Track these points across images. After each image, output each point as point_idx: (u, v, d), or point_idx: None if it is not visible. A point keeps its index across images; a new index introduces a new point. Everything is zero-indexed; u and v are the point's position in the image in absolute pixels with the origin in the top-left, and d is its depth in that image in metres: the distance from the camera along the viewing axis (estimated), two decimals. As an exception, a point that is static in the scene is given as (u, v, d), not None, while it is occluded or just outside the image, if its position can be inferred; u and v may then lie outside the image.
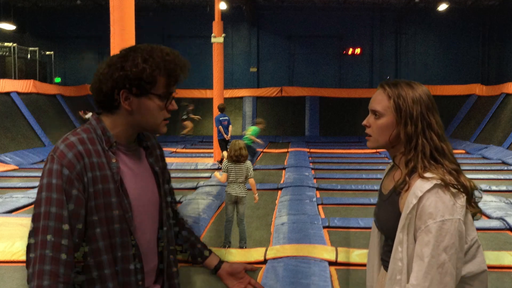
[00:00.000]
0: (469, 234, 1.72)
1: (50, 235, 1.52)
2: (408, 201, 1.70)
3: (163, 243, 1.80)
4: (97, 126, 1.68)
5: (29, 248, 1.55)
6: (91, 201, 1.59)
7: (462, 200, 1.68)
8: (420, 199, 1.67)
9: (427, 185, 1.68)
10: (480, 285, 1.76)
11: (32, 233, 1.55)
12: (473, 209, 1.72)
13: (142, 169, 1.76)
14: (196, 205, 8.02)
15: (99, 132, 1.67)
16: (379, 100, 1.82)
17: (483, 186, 9.83)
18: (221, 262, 1.99)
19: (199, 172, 12.33)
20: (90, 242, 1.60)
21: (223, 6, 16.51)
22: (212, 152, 14.40)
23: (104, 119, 1.70)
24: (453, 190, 1.67)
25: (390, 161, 1.96)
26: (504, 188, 9.93)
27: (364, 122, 1.86)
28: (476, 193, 1.75)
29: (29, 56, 18.94)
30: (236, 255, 5.70)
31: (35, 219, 1.56)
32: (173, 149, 17.15)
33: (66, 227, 1.54)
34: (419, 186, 1.69)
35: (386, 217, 1.82)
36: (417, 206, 1.67)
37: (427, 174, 1.70)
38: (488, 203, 8.17)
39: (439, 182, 1.67)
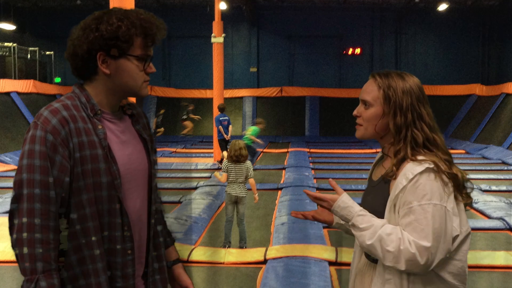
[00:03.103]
0: (465, 224, 1.74)
1: (38, 203, 1.51)
2: (398, 182, 1.71)
3: (152, 210, 1.77)
4: (80, 94, 1.66)
5: (12, 214, 1.54)
6: (78, 167, 1.57)
7: (450, 189, 1.69)
8: (410, 180, 1.68)
9: (419, 167, 1.69)
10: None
11: (16, 200, 1.54)
12: (464, 199, 1.74)
13: (129, 136, 1.74)
14: (196, 205, 8.02)
15: (83, 99, 1.65)
16: (369, 90, 1.83)
17: (483, 186, 9.83)
18: (178, 260, 1.95)
19: (199, 172, 12.33)
20: (76, 208, 1.58)
21: (223, 6, 16.51)
22: (212, 152, 14.39)
23: (86, 88, 1.68)
24: (445, 178, 1.68)
25: None
26: (504, 188, 9.92)
27: (354, 112, 1.86)
28: (468, 184, 1.76)
29: (29, 56, 18.94)
30: (236, 255, 5.70)
31: (16, 186, 1.54)
32: (173, 149, 17.14)
33: (52, 193, 1.53)
34: (411, 168, 1.70)
35: (374, 203, 1.83)
36: (406, 187, 1.68)
37: (419, 157, 1.71)
38: (488, 203, 8.17)
39: (431, 165, 1.69)
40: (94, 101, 1.65)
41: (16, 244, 1.52)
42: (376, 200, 1.82)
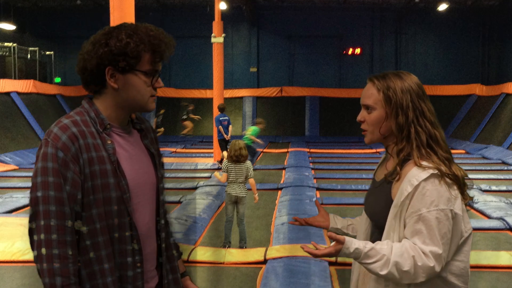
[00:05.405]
0: (466, 224, 1.74)
1: (54, 219, 1.54)
2: (403, 188, 1.70)
3: (161, 223, 1.80)
4: (90, 109, 1.68)
5: (31, 231, 1.57)
6: (88, 182, 1.59)
7: (456, 191, 1.70)
8: (416, 187, 1.67)
9: (424, 174, 1.68)
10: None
11: (33, 217, 1.56)
12: (465, 199, 1.75)
13: (137, 151, 1.76)
14: (196, 205, 8.02)
15: (92, 114, 1.67)
16: (370, 94, 1.83)
17: (483, 186, 9.83)
18: (185, 273, 2.00)
19: (199, 172, 12.33)
20: (87, 223, 1.60)
21: (223, 6, 16.50)
22: (212, 152, 14.39)
23: (96, 102, 1.70)
24: (448, 181, 1.69)
25: None
26: (504, 188, 9.92)
27: (358, 118, 1.86)
28: (467, 182, 1.77)
29: (29, 56, 18.93)
30: (236, 255, 5.70)
31: (33, 203, 1.57)
32: (173, 149, 17.14)
33: (67, 209, 1.55)
34: (415, 174, 1.69)
35: (376, 204, 1.83)
36: (412, 194, 1.68)
37: (423, 163, 1.71)
38: (488, 203, 8.17)
39: (435, 171, 1.68)
40: (103, 115, 1.68)
41: (36, 260, 1.56)
42: (378, 201, 1.83)
